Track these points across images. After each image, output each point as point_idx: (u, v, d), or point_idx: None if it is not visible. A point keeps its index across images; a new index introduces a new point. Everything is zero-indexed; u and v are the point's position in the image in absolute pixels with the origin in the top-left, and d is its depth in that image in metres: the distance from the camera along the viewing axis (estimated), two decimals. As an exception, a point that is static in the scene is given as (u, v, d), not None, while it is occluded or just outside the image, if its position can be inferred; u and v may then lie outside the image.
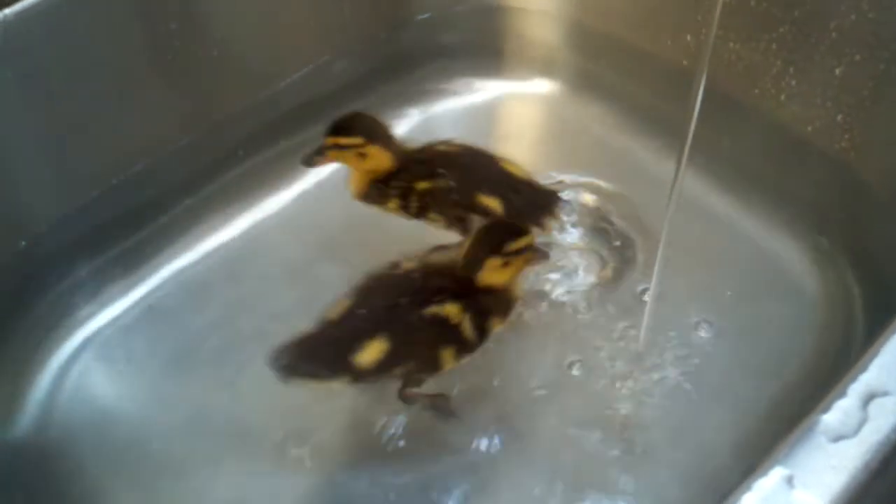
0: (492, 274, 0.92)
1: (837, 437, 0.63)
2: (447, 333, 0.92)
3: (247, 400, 1.04)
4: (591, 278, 1.13)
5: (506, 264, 0.92)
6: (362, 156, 1.04)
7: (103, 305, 1.14)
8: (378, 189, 1.06)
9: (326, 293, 1.03)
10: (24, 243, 1.10)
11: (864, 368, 0.66)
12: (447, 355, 0.92)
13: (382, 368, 0.90)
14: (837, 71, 1.10)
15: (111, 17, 1.07)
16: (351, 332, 0.90)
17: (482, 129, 1.33)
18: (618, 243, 1.17)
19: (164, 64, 1.14)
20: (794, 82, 1.16)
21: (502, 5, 1.37)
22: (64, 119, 1.09)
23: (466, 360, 0.94)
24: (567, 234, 1.18)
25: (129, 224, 1.18)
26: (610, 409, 1.01)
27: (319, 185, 1.25)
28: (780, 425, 0.96)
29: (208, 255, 1.19)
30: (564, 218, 1.16)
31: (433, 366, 0.93)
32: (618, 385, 1.03)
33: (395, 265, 0.95)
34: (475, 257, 0.92)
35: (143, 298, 1.15)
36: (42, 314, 1.12)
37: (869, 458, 0.62)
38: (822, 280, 1.11)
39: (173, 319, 1.13)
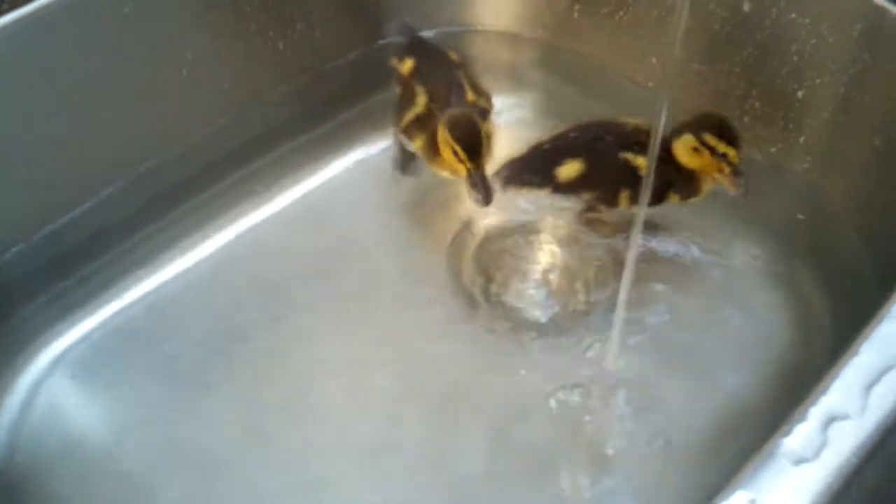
0: (682, 150, 1.05)
1: (799, 461, 0.64)
2: (631, 179, 1.07)
3: (219, 422, 1.04)
4: (561, 296, 1.14)
5: (697, 151, 1.04)
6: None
7: (72, 327, 1.13)
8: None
9: (299, 314, 1.04)
10: (-9, 264, 1.09)
11: (824, 391, 0.68)
12: (624, 197, 1.10)
13: (574, 187, 1.11)
14: (800, 94, 1.13)
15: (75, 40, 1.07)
16: (558, 150, 1.11)
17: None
18: (587, 262, 1.18)
19: (134, 85, 1.14)
20: (757, 104, 1.18)
21: (471, 28, 1.39)
22: (32, 140, 1.08)
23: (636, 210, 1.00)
24: (537, 254, 1.19)
25: (99, 245, 1.17)
26: (573, 426, 1.01)
27: (292, 207, 1.25)
28: (740, 445, 0.97)
29: (179, 276, 1.18)
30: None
31: (611, 201, 1.11)
32: (578, 405, 1.03)
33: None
34: (679, 128, 1.05)
35: (112, 319, 1.14)
36: (9, 336, 1.10)
37: (830, 480, 0.63)
38: (785, 299, 1.12)
39: (144, 341, 1.12)
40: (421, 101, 1.14)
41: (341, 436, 1.02)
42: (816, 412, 0.66)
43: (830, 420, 0.66)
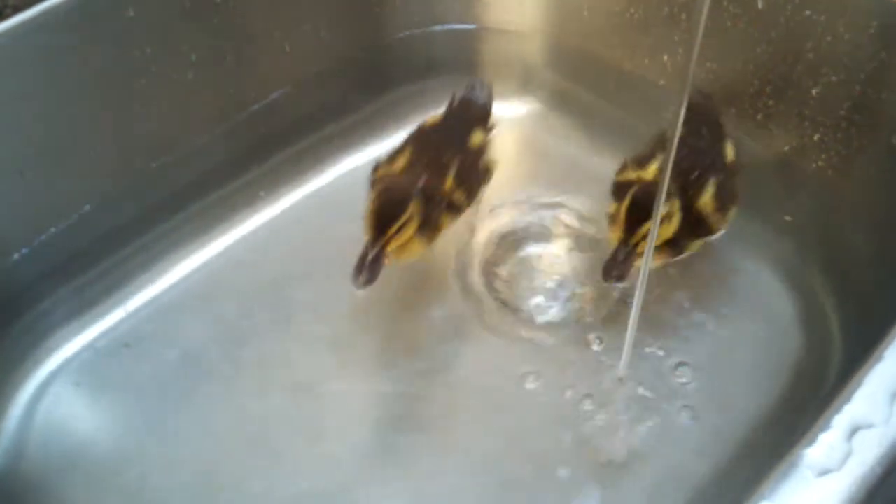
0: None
1: (823, 472, 0.62)
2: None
3: (223, 429, 1.03)
4: (570, 299, 1.12)
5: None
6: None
7: (76, 333, 1.12)
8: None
9: (304, 318, 1.03)
10: (-5, 270, 1.08)
11: (847, 399, 0.66)
12: None
13: None
14: (814, 91, 1.11)
15: (79, 43, 1.06)
16: None
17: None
18: (596, 263, 1.16)
19: (137, 88, 1.13)
20: (771, 102, 1.16)
21: (479, 25, 1.37)
22: (34, 144, 1.07)
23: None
24: (544, 256, 1.17)
25: (102, 250, 1.17)
26: (583, 436, 1.00)
27: (296, 210, 1.25)
28: (759, 454, 0.96)
29: (183, 281, 1.17)
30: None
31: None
32: (593, 411, 1.02)
33: None
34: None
35: (116, 326, 1.13)
36: (13, 342, 1.10)
37: (854, 491, 0.62)
38: (797, 300, 1.11)
39: (148, 347, 1.11)
40: (403, 159, 1.08)
41: (346, 442, 1.01)
42: (840, 421, 0.64)
43: (855, 429, 0.64)
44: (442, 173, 1.05)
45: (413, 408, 1.03)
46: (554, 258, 1.17)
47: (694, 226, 1.03)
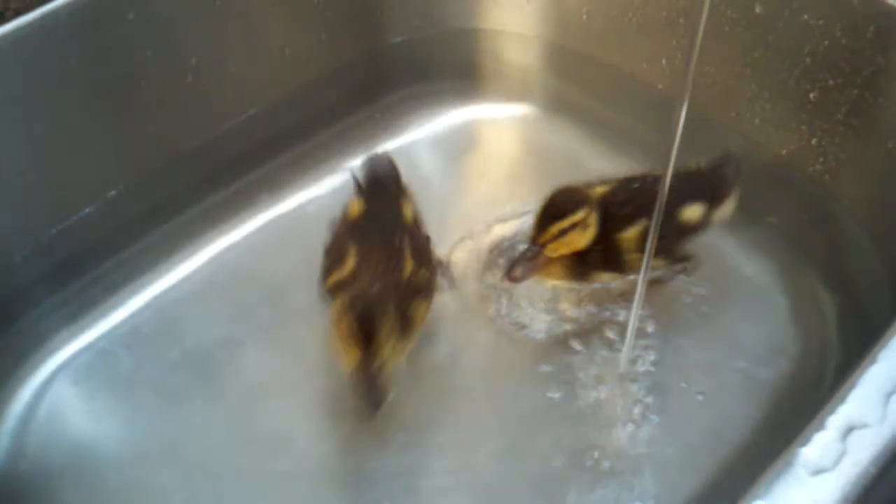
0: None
1: (817, 471, 0.63)
2: None
3: (223, 428, 1.03)
4: (569, 302, 1.13)
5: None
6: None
7: (77, 334, 1.12)
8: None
9: (302, 318, 1.03)
10: (-4, 270, 1.09)
11: (842, 400, 0.66)
12: None
13: None
14: (812, 95, 1.11)
15: (82, 46, 1.06)
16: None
17: (458, 152, 1.33)
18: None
19: (137, 91, 1.13)
20: (768, 106, 1.17)
21: (479, 28, 1.38)
22: (39, 146, 1.08)
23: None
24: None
25: (103, 251, 1.17)
26: (581, 434, 1.00)
27: (297, 213, 1.25)
28: (754, 454, 0.96)
29: (184, 282, 1.18)
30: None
31: None
32: (591, 410, 1.02)
33: None
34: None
35: (117, 326, 1.14)
36: (14, 342, 1.10)
37: (848, 490, 0.62)
38: (796, 302, 1.11)
39: (148, 346, 1.11)
40: (349, 261, 0.98)
41: (343, 440, 1.01)
42: (835, 421, 0.65)
43: (849, 429, 0.64)
44: (398, 262, 0.97)
45: (414, 407, 1.03)
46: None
47: (606, 256, 1.03)
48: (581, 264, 1.03)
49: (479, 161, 1.33)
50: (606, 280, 1.07)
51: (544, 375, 1.05)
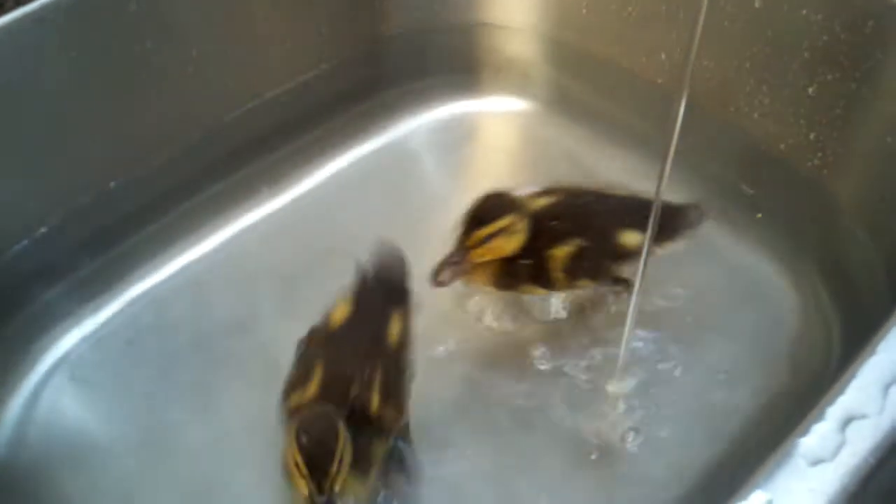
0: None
1: (816, 461, 0.63)
2: None
3: (222, 420, 1.03)
4: (569, 297, 1.13)
5: None
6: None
7: (77, 325, 1.13)
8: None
9: (304, 311, 1.03)
10: (-6, 264, 1.09)
11: (841, 391, 0.67)
12: None
13: None
14: (810, 90, 1.12)
15: (83, 37, 1.06)
16: None
17: (458, 146, 1.33)
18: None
19: (138, 82, 1.13)
20: (767, 100, 1.17)
21: (479, 22, 1.37)
22: (36, 137, 1.07)
23: None
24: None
25: (102, 243, 1.17)
26: (581, 424, 1.01)
27: (296, 205, 1.25)
28: (754, 444, 0.97)
29: (183, 273, 1.18)
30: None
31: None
32: (591, 402, 1.03)
33: None
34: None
35: (116, 317, 1.14)
36: (14, 334, 1.10)
37: (847, 481, 0.62)
38: (795, 296, 1.12)
39: (147, 339, 1.12)
40: (314, 385, 0.89)
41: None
42: (834, 412, 0.65)
43: (848, 420, 0.65)
44: (364, 394, 0.87)
45: (417, 393, 1.03)
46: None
47: (535, 270, 1.00)
48: (508, 274, 1.01)
49: (478, 155, 1.33)
50: (535, 293, 1.05)
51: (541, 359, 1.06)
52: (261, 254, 1.20)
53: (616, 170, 1.27)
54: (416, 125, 1.34)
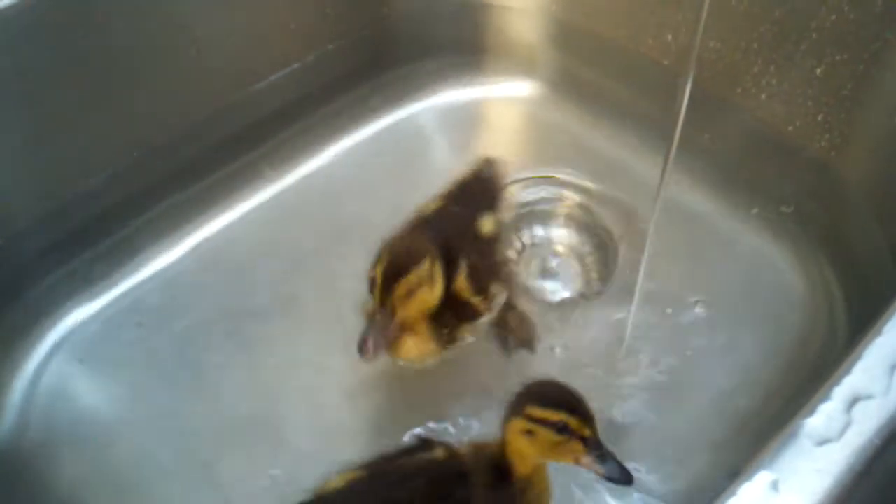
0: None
1: (822, 441, 0.63)
2: None
3: (225, 402, 1.04)
4: (577, 277, 1.13)
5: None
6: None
7: (80, 307, 1.13)
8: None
9: (309, 293, 1.03)
10: (-2, 245, 1.09)
11: (847, 372, 0.67)
12: None
13: None
14: (818, 71, 1.11)
15: (88, 17, 1.06)
16: None
17: (464, 127, 1.33)
18: (602, 241, 1.17)
19: (143, 63, 1.13)
20: (774, 81, 1.16)
21: (484, 3, 1.37)
22: (41, 120, 1.07)
23: None
24: (551, 233, 1.18)
25: (106, 225, 1.17)
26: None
27: (301, 186, 1.25)
28: (761, 424, 0.97)
29: (191, 254, 1.18)
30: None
31: None
32: (599, 382, 1.03)
33: None
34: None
35: (120, 299, 1.14)
36: (17, 317, 1.10)
37: (853, 461, 0.62)
38: (803, 278, 1.12)
39: (153, 319, 1.12)
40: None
41: (347, 414, 1.02)
42: (840, 392, 0.65)
43: (855, 400, 0.65)
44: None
45: (421, 377, 1.03)
46: (560, 236, 1.18)
47: (458, 309, 0.94)
48: (440, 325, 0.93)
49: (484, 137, 1.33)
50: (468, 333, 0.98)
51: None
52: (268, 234, 1.20)
53: (621, 149, 1.27)
54: (421, 107, 1.34)
